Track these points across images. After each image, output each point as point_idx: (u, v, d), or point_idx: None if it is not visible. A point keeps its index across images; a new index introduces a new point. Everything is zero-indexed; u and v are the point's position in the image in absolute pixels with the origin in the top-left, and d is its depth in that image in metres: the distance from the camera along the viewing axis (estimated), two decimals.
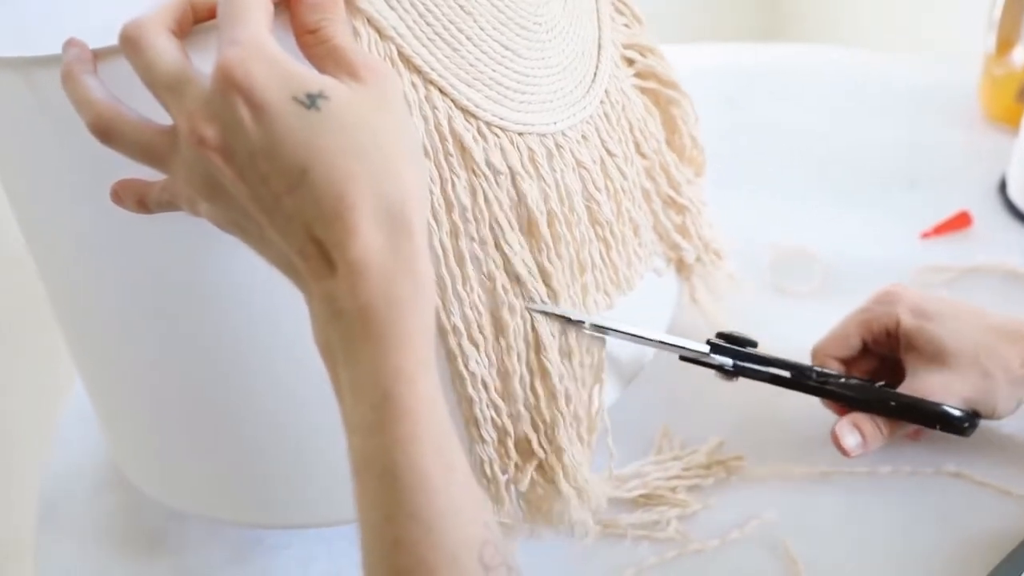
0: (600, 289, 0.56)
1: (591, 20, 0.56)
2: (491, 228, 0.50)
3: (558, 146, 0.52)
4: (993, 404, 0.57)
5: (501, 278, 0.50)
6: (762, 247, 0.78)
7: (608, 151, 0.55)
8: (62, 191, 0.51)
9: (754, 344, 0.59)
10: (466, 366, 0.50)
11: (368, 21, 0.46)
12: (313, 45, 0.43)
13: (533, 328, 0.52)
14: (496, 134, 0.50)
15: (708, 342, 0.58)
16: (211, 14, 0.44)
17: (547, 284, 0.52)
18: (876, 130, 0.94)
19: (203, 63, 0.41)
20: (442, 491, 0.39)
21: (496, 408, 0.51)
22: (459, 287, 0.50)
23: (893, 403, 0.58)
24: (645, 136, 0.59)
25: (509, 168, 0.50)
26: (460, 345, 0.50)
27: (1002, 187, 0.84)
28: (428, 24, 0.47)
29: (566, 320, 0.53)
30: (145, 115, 0.43)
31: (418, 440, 0.39)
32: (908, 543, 0.57)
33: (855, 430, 0.58)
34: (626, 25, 0.60)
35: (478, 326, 0.50)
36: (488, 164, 0.49)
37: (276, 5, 0.42)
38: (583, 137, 0.54)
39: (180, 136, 0.41)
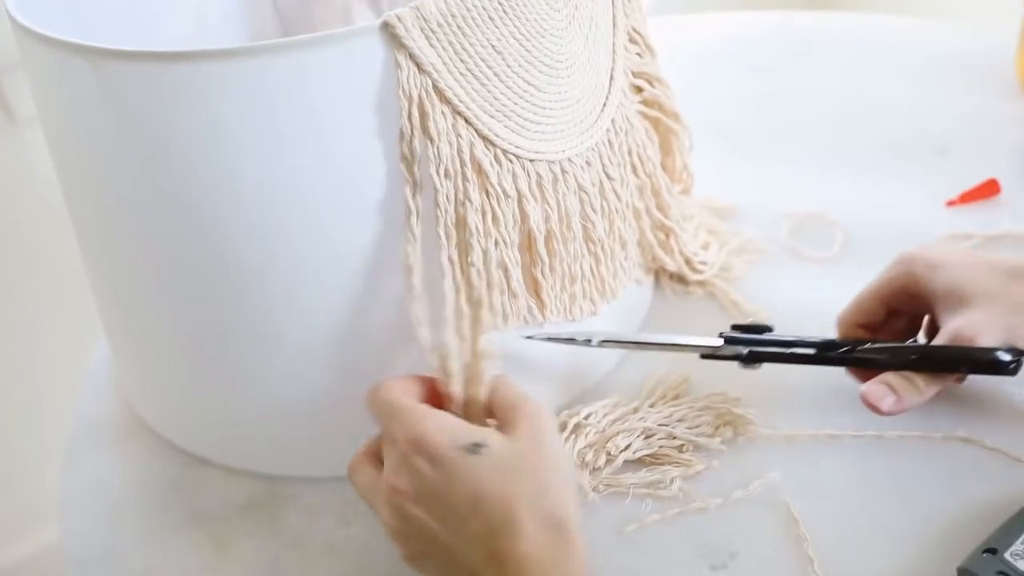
0: (587, 297, 0.61)
1: (607, 51, 0.60)
2: (495, 245, 0.55)
3: (563, 171, 0.57)
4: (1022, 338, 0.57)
5: (501, 290, 0.56)
6: (784, 213, 0.78)
7: (607, 175, 0.60)
8: (112, 163, 0.55)
9: (770, 329, 0.59)
10: None
11: (410, 56, 0.50)
12: (471, 406, 0.53)
13: None
14: (511, 160, 0.54)
15: (721, 335, 0.60)
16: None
17: (537, 295, 0.58)
18: (908, 97, 0.93)
19: None
20: None
21: None
22: (462, 301, 0.55)
23: (921, 357, 0.57)
24: (643, 160, 0.63)
25: (517, 191, 0.55)
26: None
27: None
28: (462, 61, 0.51)
29: (572, 341, 0.59)
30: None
31: None
32: (912, 506, 0.56)
33: (885, 387, 0.57)
34: (638, 55, 0.64)
35: None
36: (500, 187, 0.54)
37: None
38: (587, 163, 0.59)
39: (383, 487, 0.51)
